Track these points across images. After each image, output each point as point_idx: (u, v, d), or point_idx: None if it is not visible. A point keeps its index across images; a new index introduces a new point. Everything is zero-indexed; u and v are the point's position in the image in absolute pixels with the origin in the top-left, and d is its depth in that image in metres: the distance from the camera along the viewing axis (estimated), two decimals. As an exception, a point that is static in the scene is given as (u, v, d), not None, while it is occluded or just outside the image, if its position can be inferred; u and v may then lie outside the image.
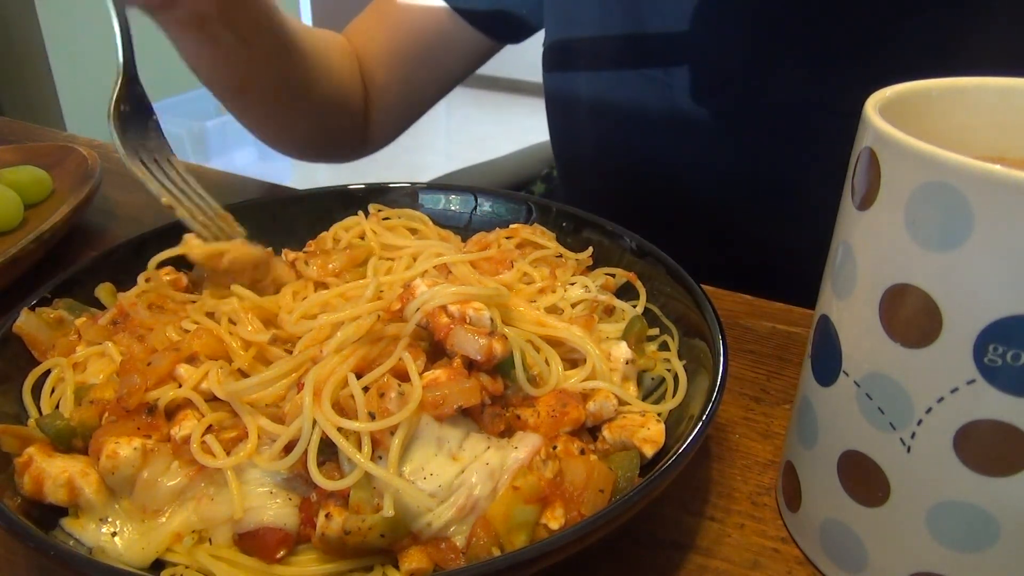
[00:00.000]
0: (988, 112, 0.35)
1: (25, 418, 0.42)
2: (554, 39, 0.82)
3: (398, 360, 0.39)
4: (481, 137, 3.92)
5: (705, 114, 0.72)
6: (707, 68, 0.71)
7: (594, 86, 0.79)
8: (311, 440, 0.36)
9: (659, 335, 0.49)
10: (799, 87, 0.67)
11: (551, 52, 0.83)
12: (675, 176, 0.77)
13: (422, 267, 0.49)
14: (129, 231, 0.65)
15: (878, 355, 0.32)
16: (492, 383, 0.40)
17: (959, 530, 0.32)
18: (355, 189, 0.61)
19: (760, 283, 0.63)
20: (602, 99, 0.78)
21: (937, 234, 0.29)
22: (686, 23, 0.69)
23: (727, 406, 0.50)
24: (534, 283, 0.50)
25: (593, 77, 0.79)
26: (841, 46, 0.65)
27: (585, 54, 0.79)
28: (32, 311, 0.46)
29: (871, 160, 0.31)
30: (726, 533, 0.41)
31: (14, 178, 0.69)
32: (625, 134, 0.79)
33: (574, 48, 0.80)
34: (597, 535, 0.33)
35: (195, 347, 0.42)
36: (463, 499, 0.36)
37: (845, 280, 0.33)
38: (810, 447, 0.37)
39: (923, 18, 0.61)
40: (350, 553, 0.36)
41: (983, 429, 0.29)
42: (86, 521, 0.37)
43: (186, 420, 0.39)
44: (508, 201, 0.60)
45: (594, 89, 0.79)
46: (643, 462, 0.40)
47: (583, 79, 0.80)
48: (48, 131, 0.99)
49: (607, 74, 0.77)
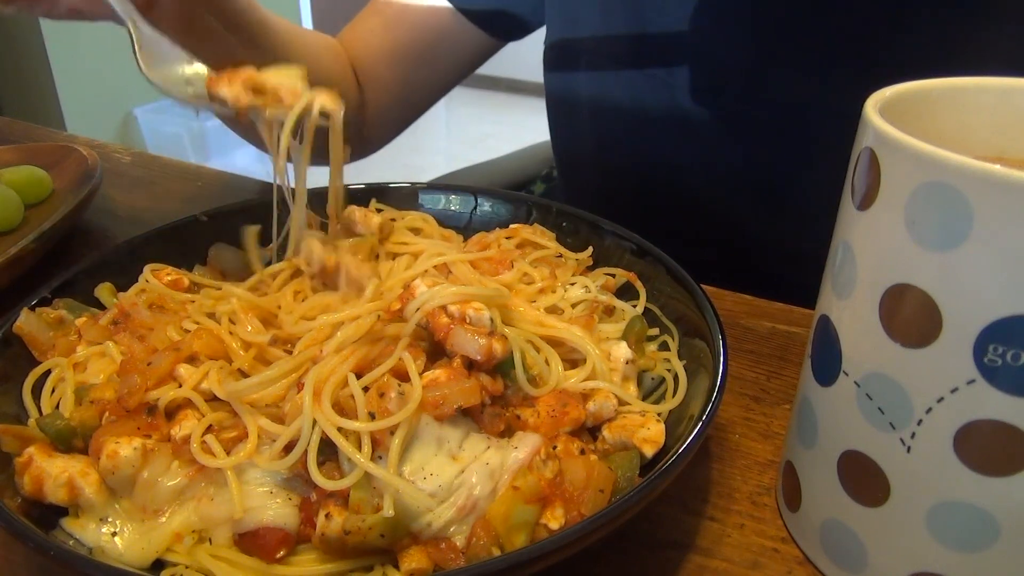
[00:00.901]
0: (988, 112, 0.35)
1: (25, 418, 0.42)
2: (555, 38, 0.82)
3: (398, 360, 0.39)
4: (481, 137, 3.92)
5: (706, 113, 0.72)
6: (708, 67, 0.71)
7: (595, 85, 0.79)
8: (311, 440, 0.36)
9: (659, 335, 0.49)
10: (801, 86, 0.67)
11: (552, 51, 0.83)
12: (676, 175, 0.77)
13: (422, 267, 0.50)
14: (129, 231, 0.65)
15: (878, 355, 0.32)
16: (492, 383, 0.40)
17: (959, 530, 0.32)
18: (355, 189, 0.60)
19: (760, 283, 0.63)
20: (603, 98, 0.78)
21: (937, 234, 0.29)
22: (688, 22, 0.69)
23: (727, 406, 0.50)
24: (534, 283, 0.50)
25: (594, 76, 0.79)
26: (843, 46, 0.65)
27: (586, 53, 0.79)
28: (32, 311, 0.46)
29: (871, 160, 0.31)
30: (726, 533, 0.41)
31: (14, 178, 0.69)
32: (626, 133, 0.79)
33: (575, 47, 0.80)
34: (597, 535, 0.33)
35: (195, 347, 0.42)
36: (463, 499, 0.36)
37: (845, 280, 0.34)
38: (810, 447, 0.37)
39: (925, 18, 0.61)
40: (350, 553, 0.36)
41: (983, 429, 0.29)
42: (86, 521, 0.37)
43: (186, 420, 0.39)
44: (508, 201, 0.60)
45: (595, 88, 0.79)
46: (643, 462, 0.40)
47: (584, 78, 0.80)
48: (48, 131, 0.99)
49: (608, 73, 0.77)
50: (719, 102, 0.71)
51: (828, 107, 0.64)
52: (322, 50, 0.82)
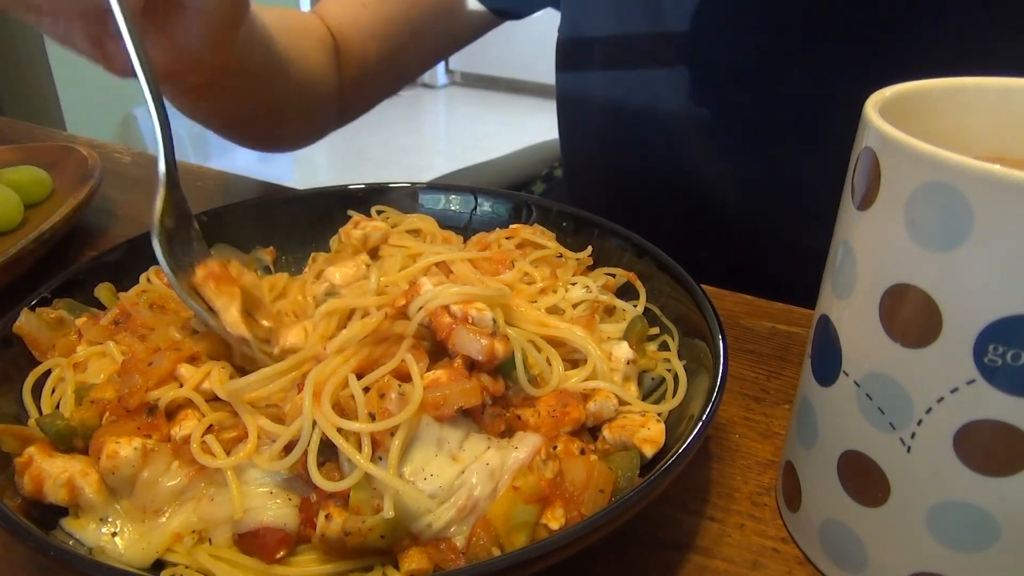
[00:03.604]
0: (988, 112, 0.35)
1: (25, 418, 0.42)
2: (568, 35, 0.81)
3: (400, 361, 0.39)
4: (481, 137, 3.92)
5: (717, 113, 0.72)
6: (720, 67, 0.71)
7: (607, 83, 0.78)
8: (311, 441, 0.36)
9: (659, 335, 0.49)
10: (812, 85, 0.67)
11: (564, 48, 0.82)
12: (683, 175, 0.77)
13: (423, 263, 0.49)
14: (129, 231, 0.65)
15: (878, 355, 0.32)
16: (493, 383, 0.40)
17: (959, 530, 0.32)
18: (355, 189, 0.61)
19: (760, 283, 0.63)
20: (614, 96, 0.78)
21: (937, 234, 0.29)
22: (700, 21, 0.69)
23: (727, 406, 0.50)
24: (535, 283, 0.50)
25: (607, 75, 0.78)
26: (856, 45, 0.65)
27: (599, 51, 0.78)
28: (32, 311, 0.46)
29: (871, 160, 0.31)
30: (726, 533, 0.41)
31: (14, 178, 0.69)
32: (636, 132, 0.79)
33: (587, 44, 0.79)
34: (597, 535, 0.33)
35: (198, 347, 0.42)
36: (463, 500, 0.36)
37: (845, 280, 0.34)
38: (810, 447, 0.37)
39: (933, 18, 0.61)
40: (350, 554, 0.35)
41: (983, 429, 0.29)
42: (86, 521, 0.37)
43: (186, 420, 0.39)
44: (508, 201, 0.60)
45: (607, 86, 0.78)
46: (643, 462, 0.40)
47: (596, 77, 0.79)
48: (48, 131, 0.99)
49: (620, 72, 0.76)
50: (731, 101, 0.71)
51: (838, 106, 0.64)
52: (304, 34, 0.77)
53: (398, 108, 4.31)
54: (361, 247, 0.54)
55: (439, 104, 1.84)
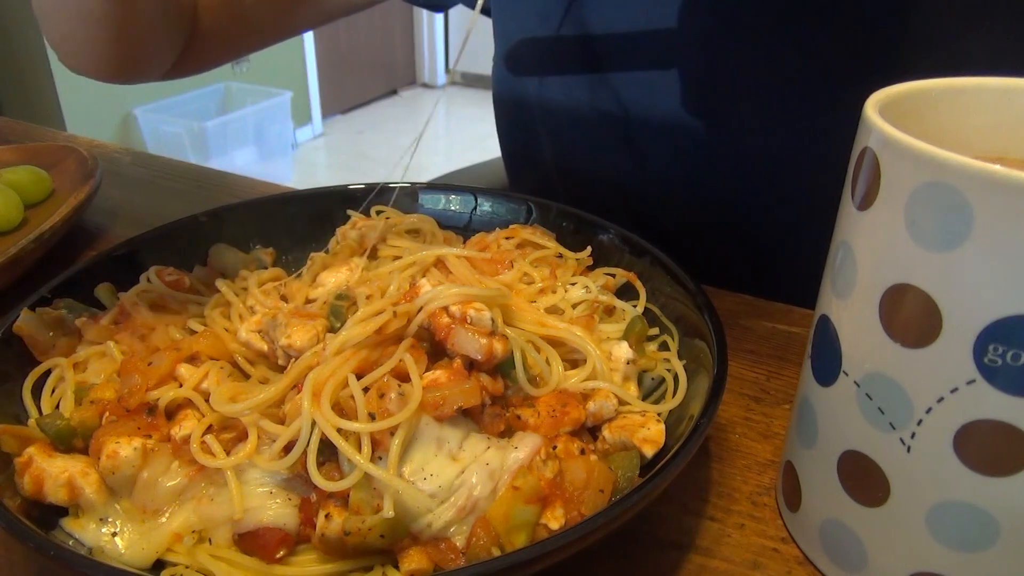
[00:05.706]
0: (988, 112, 0.35)
1: (25, 418, 0.42)
2: (504, 50, 0.80)
3: (399, 361, 0.39)
4: (481, 137, 3.92)
5: (704, 115, 0.72)
6: (694, 67, 0.70)
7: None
8: (310, 441, 0.36)
9: (659, 335, 0.49)
10: (801, 85, 0.67)
11: (508, 65, 0.80)
12: (684, 176, 0.77)
13: (411, 260, 0.49)
14: (129, 231, 0.65)
15: (878, 355, 0.32)
16: (492, 383, 0.40)
17: (959, 530, 0.32)
18: (355, 189, 0.61)
19: (760, 283, 0.63)
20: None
21: (937, 234, 0.29)
22: (669, 21, 0.68)
23: (727, 406, 0.50)
24: (534, 283, 0.50)
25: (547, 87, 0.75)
26: (838, 43, 0.65)
27: (537, 58, 0.75)
28: (32, 311, 0.46)
29: (871, 160, 0.31)
30: (726, 533, 0.41)
31: (14, 178, 0.69)
32: (616, 141, 0.78)
33: (526, 53, 0.77)
34: (597, 535, 0.33)
35: (198, 347, 0.42)
36: (463, 499, 0.36)
37: (845, 280, 0.34)
38: (810, 447, 0.37)
39: (925, 17, 0.61)
40: (350, 553, 0.36)
41: (983, 429, 0.29)
42: (86, 521, 0.37)
43: (186, 420, 0.39)
44: (508, 201, 0.60)
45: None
46: (643, 462, 0.40)
47: (533, 85, 0.76)
48: (48, 131, 0.99)
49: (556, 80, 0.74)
50: (708, 102, 0.71)
51: (829, 106, 0.64)
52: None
53: (398, 108, 4.31)
54: (358, 247, 0.54)
55: (439, 104, 1.82)
